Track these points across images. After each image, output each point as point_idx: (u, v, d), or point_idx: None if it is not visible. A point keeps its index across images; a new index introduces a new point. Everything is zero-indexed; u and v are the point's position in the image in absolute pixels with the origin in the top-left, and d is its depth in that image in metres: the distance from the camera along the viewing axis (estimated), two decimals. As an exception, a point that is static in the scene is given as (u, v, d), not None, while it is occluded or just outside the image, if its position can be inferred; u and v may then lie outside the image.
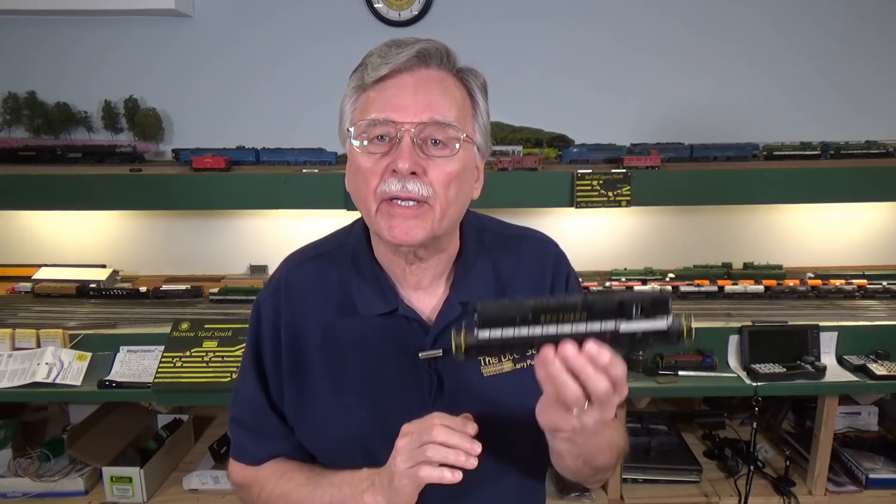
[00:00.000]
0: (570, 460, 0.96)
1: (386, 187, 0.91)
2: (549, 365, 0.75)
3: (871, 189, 2.39)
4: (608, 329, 0.75)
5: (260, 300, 1.09)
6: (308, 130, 2.52)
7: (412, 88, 0.92)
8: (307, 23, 2.61)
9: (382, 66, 0.92)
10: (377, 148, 0.92)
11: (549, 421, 0.84)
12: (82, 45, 2.61)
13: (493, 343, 0.77)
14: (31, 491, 2.17)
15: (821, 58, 2.64)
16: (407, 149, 0.90)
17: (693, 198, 2.41)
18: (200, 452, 2.42)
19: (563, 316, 0.75)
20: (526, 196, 2.38)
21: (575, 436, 0.86)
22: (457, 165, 0.94)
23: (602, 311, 0.75)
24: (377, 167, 0.92)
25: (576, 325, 0.75)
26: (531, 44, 2.62)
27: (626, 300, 0.75)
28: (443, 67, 0.95)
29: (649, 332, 0.75)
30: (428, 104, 0.91)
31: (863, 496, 2.22)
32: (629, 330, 0.75)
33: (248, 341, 1.10)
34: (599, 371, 0.74)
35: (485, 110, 1.00)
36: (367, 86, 0.94)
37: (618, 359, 0.74)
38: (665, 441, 2.37)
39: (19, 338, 2.09)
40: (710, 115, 2.66)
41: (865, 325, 2.17)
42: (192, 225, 2.72)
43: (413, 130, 0.90)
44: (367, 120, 0.92)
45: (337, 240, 1.11)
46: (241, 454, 1.11)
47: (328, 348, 1.04)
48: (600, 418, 0.79)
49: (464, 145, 0.94)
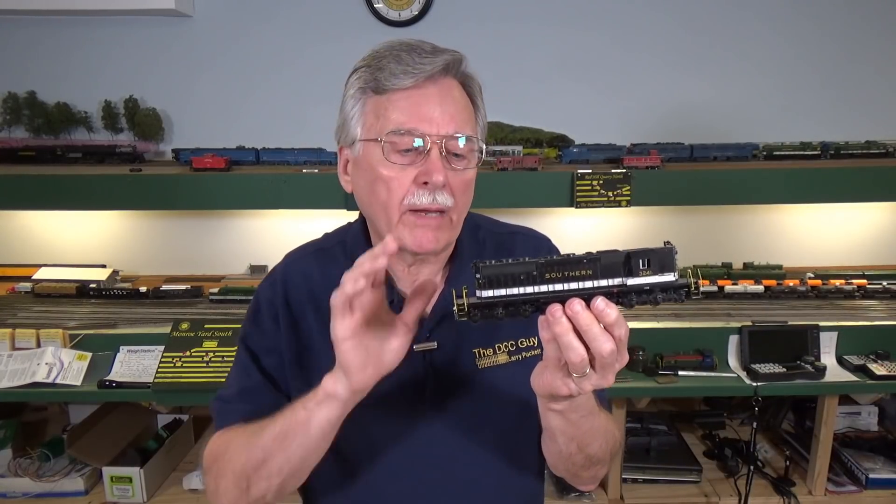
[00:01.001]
0: (562, 443, 0.93)
1: (416, 199, 0.92)
2: (556, 324, 0.72)
3: (871, 189, 2.39)
4: (615, 284, 0.73)
5: (259, 291, 1.09)
6: (308, 130, 2.52)
7: (437, 99, 0.93)
8: (307, 23, 2.61)
9: (405, 74, 0.91)
10: (402, 158, 0.92)
11: (546, 384, 0.81)
12: (82, 45, 2.61)
13: (497, 302, 0.74)
14: (31, 491, 2.18)
15: (821, 58, 2.64)
16: (439, 161, 0.91)
17: (693, 198, 2.41)
18: (200, 452, 2.41)
19: (568, 273, 0.73)
20: (526, 196, 2.38)
21: (570, 409, 0.85)
22: (472, 175, 0.97)
23: (608, 265, 0.73)
24: (403, 178, 0.92)
25: (582, 282, 0.73)
26: (531, 44, 2.62)
27: (633, 253, 0.73)
28: (457, 76, 0.97)
29: (657, 284, 0.73)
30: (452, 116, 0.93)
31: (863, 496, 2.22)
32: (637, 283, 0.73)
33: (242, 332, 1.09)
34: (605, 331, 0.72)
35: (483, 113, 1.02)
36: (385, 91, 0.93)
37: (622, 319, 0.73)
38: (665, 441, 2.37)
39: (19, 338, 2.09)
40: (710, 115, 2.66)
41: (865, 325, 2.17)
42: (192, 225, 2.72)
43: (440, 142, 0.91)
44: (393, 128, 0.92)
45: (337, 236, 1.12)
46: (227, 416, 1.04)
47: (326, 340, 1.04)
48: (598, 385, 0.77)
49: (479, 156, 0.97)
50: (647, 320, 2.20)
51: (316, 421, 0.87)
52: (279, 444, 0.90)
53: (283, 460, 0.90)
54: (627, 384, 2.05)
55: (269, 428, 0.91)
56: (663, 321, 2.20)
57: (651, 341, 2.13)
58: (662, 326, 2.18)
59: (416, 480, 1.05)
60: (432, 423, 1.03)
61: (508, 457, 1.08)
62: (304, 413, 0.87)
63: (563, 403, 0.85)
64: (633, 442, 2.33)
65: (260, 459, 0.91)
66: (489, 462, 1.06)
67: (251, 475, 0.93)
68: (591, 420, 0.91)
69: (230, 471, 0.95)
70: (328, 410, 0.86)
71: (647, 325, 2.18)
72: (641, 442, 2.34)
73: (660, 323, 2.19)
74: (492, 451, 1.06)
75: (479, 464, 1.06)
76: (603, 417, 0.96)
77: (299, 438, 0.89)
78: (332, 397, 0.85)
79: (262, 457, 0.91)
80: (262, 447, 0.91)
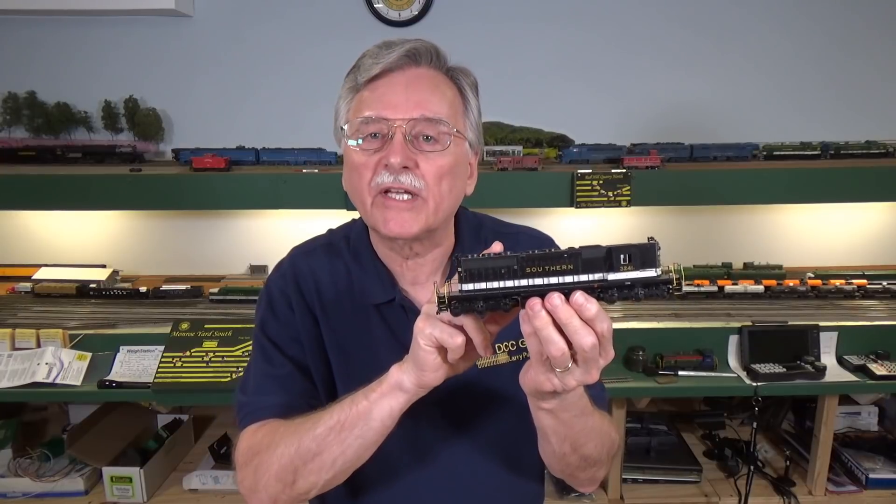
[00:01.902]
0: (556, 443, 0.93)
1: (379, 179, 0.95)
2: (535, 317, 0.72)
3: (871, 189, 2.39)
4: (596, 279, 0.72)
5: (269, 282, 1.10)
6: (308, 130, 2.52)
7: (403, 87, 0.95)
8: (307, 23, 2.61)
9: (374, 66, 0.95)
10: (370, 145, 0.96)
11: (531, 381, 0.81)
12: (82, 45, 2.61)
13: (477, 295, 0.74)
14: (31, 491, 2.18)
15: (821, 57, 2.64)
16: (398, 144, 0.93)
17: (693, 198, 2.41)
18: (200, 452, 2.42)
19: (549, 268, 0.73)
20: (526, 196, 2.38)
21: (558, 407, 0.85)
22: (448, 159, 0.97)
23: (589, 261, 0.73)
24: (370, 162, 0.95)
25: (562, 277, 0.73)
26: (531, 44, 2.62)
27: (614, 249, 0.72)
28: (433, 66, 0.98)
29: (638, 279, 0.72)
30: (418, 101, 0.94)
31: (863, 496, 2.22)
32: (618, 279, 0.72)
33: (259, 323, 1.08)
34: (585, 324, 0.72)
35: (476, 108, 1.03)
36: (360, 86, 0.97)
37: (604, 313, 0.72)
38: (665, 441, 2.37)
39: (19, 338, 2.08)
40: (710, 115, 2.66)
41: (865, 325, 2.17)
42: (192, 225, 2.72)
43: (405, 127, 0.93)
44: (360, 118, 0.95)
45: (342, 231, 1.14)
46: (259, 411, 1.01)
47: (336, 334, 1.06)
48: (582, 381, 0.77)
49: (455, 140, 0.97)
50: (647, 320, 2.21)
51: (377, 411, 0.87)
52: (336, 435, 0.89)
53: (338, 453, 0.89)
54: (627, 384, 2.05)
55: (324, 420, 0.90)
56: (663, 321, 2.20)
57: (651, 341, 2.13)
58: (662, 326, 2.18)
59: (415, 480, 1.05)
60: (432, 422, 1.03)
61: (509, 457, 1.08)
62: (366, 404, 0.87)
63: (552, 402, 0.84)
64: (633, 442, 2.33)
65: (312, 452, 0.90)
66: (489, 462, 1.06)
67: (300, 468, 0.91)
68: (585, 420, 0.91)
69: (275, 463, 0.93)
70: (393, 401, 0.86)
71: (647, 325, 2.18)
72: (641, 442, 2.34)
73: (660, 323, 2.19)
74: (492, 450, 1.06)
75: (479, 463, 1.06)
76: (597, 418, 0.95)
77: (358, 430, 0.88)
78: (398, 389, 0.86)
79: (315, 449, 0.90)
80: (316, 438, 0.90)
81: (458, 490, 1.06)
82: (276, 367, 1.04)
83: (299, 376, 1.05)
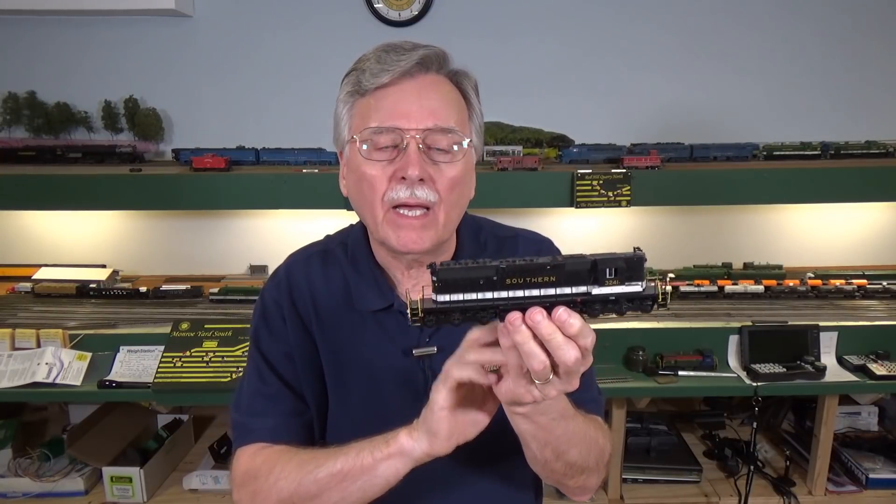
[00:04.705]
0: (536, 449, 0.89)
1: (394, 194, 0.93)
2: (516, 332, 0.69)
3: (871, 189, 2.39)
4: (579, 293, 0.69)
5: (265, 292, 1.10)
6: (308, 130, 2.52)
7: (415, 95, 0.93)
8: (307, 23, 2.61)
9: (383, 72, 0.92)
10: (382, 155, 0.93)
11: (508, 392, 0.77)
12: (82, 45, 2.61)
13: (454, 308, 0.70)
14: (31, 491, 2.18)
15: (821, 58, 2.64)
16: (415, 155, 0.91)
17: (693, 198, 2.41)
18: (200, 452, 2.42)
19: (530, 279, 0.69)
20: (526, 196, 2.38)
21: (535, 412, 0.82)
22: (460, 169, 0.96)
23: (573, 273, 0.69)
24: (384, 174, 0.93)
25: (545, 289, 0.69)
26: (531, 44, 2.62)
27: (600, 261, 0.69)
28: (440, 72, 0.97)
29: (623, 294, 0.69)
30: (431, 111, 0.93)
31: (863, 496, 2.22)
32: (602, 293, 0.69)
33: (253, 335, 1.09)
34: (569, 339, 0.69)
35: (479, 111, 1.02)
36: (367, 92, 0.95)
37: (587, 328, 0.70)
38: (665, 441, 2.37)
39: (19, 338, 2.08)
40: (710, 115, 2.66)
41: (865, 325, 2.17)
42: (192, 225, 2.72)
43: (418, 137, 0.92)
44: (371, 127, 0.93)
45: (339, 237, 1.13)
46: (251, 434, 1.04)
47: (330, 343, 1.05)
48: (563, 390, 0.75)
49: (465, 149, 0.96)
50: (647, 320, 2.20)
51: (382, 471, 0.87)
52: (337, 483, 0.90)
53: (337, 498, 0.91)
54: (627, 384, 2.05)
55: (328, 464, 0.91)
56: (663, 321, 2.20)
57: (651, 341, 2.13)
58: (662, 326, 2.18)
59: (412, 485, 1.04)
60: None
61: (506, 462, 1.07)
62: (371, 461, 0.87)
63: (526, 406, 0.81)
64: (633, 442, 2.33)
65: (312, 493, 0.91)
66: (486, 467, 1.06)
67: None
68: (565, 424, 0.87)
69: (274, 496, 0.94)
70: (399, 464, 0.86)
71: (647, 325, 2.18)
72: (641, 442, 2.34)
73: (660, 323, 2.19)
74: (489, 456, 1.05)
75: (476, 469, 1.06)
76: (581, 422, 0.92)
77: (360, 483, 0.88)
78: (405, 455, 0.86)
79: (315, 491, 0.91)
80: (317, 482, 0.91)
81: (454, 495, 1.05)
82: (268, 384, 1.05)
83: (289, 395, 1.05)
